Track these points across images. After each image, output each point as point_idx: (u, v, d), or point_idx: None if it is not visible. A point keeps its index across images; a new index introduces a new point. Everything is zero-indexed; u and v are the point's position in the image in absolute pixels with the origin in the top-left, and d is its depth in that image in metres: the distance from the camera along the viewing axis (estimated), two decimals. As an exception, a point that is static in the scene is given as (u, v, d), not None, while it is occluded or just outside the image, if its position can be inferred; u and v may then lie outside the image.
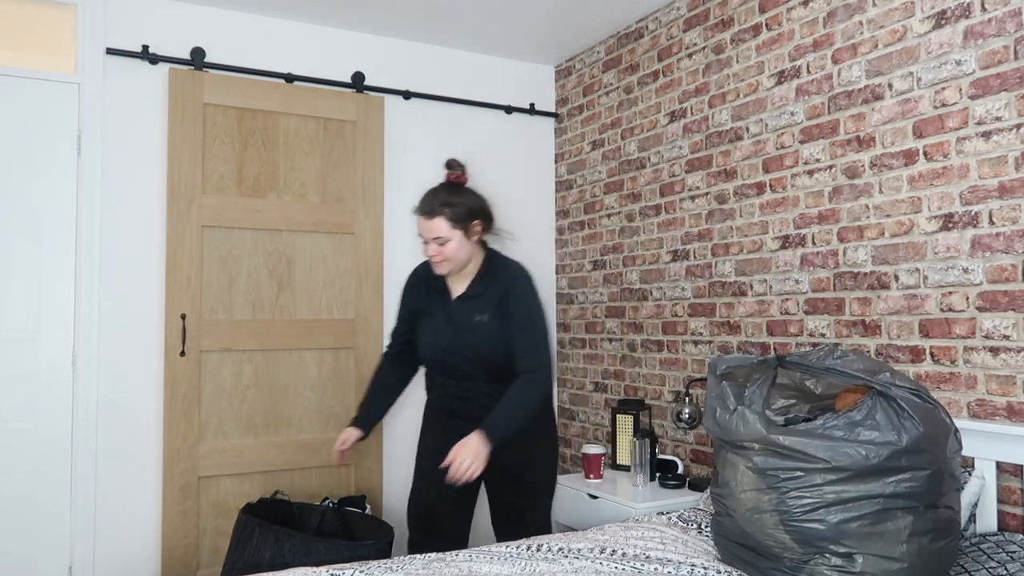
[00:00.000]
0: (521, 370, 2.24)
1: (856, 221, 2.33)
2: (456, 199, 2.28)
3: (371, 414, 2.53)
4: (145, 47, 2.94)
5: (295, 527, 2.47)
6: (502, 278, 2.33)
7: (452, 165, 2.38)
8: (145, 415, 2.92)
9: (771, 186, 2.63)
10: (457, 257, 2.29)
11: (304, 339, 3.14)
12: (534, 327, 2.26)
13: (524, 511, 2.41)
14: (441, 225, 2.25)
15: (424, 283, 2.46)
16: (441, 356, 2.37)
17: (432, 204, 2.27)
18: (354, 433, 2.48)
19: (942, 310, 2.09)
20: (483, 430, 2.13)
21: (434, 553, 1.96)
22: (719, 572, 1.76)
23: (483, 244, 2.40)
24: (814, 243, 2.47)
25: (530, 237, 3.76)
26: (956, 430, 1.68)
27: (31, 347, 2.77)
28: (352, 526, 2.48)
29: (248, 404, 3.04)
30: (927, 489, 1.58)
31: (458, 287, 2.39)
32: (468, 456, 2.08)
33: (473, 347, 2.31)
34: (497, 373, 2.29)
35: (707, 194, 2.90)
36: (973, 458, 1.96)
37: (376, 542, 2.16)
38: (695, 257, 2.94)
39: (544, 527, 2.47)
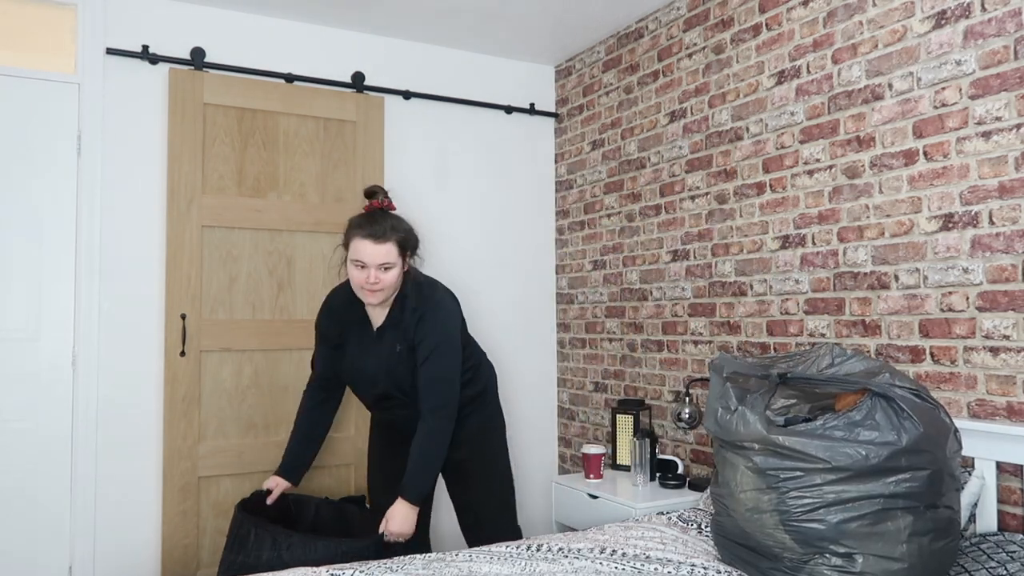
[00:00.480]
0: (424, 408, 2.19)
1: (856, 221, 2.33)
2: (402, 225, 2.22)
3: (301, 463, 2.47)
4: (145, 47, 2.94)
5: (290, 521, 2.47)
6: (413, 307, 2.24)
7: (377, 192, 2.27)
8: (145, 415, 2.92)
9: (771, 186, 2.63)
10: (392, 286, 2.20)
11: (304, 339, 3.14)
12: (437, 363, 2.20)
13: (479, 506, 2.43)
14: (391, 251, 2.15)
15: (341, 313, 2.38)
16: (370, 390, 2.34)
17: (383, 228, 2.15)
18: (283, 483, 2.42)
19: (942, 310, 2.09)
20: (403, 496, 2.15)
21: (434, 553, 1.96)
22: (719, 572, 1.76)
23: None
24: (814, 243, 2.47)
25: (530, 237, 3.76)
26: (956, 430, 1.68)
27: (31, 347, 2.77)
28: (349, 520, 2.48)
29: (248, 404, 3.04)
30: (927, 489, 1.58)
31: (377, 317, 2.31)
32: (399, 527, 2.14)
33: (400, 378, 2.26)
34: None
35: (707, 194, 2.90)
36: (973, 458, 1.96)
37: (376, 537, 2.16)
38: (695, 257, 2.94)
39: (505, 524, 2.46)
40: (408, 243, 2.22)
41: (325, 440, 2.55)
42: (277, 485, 2.42)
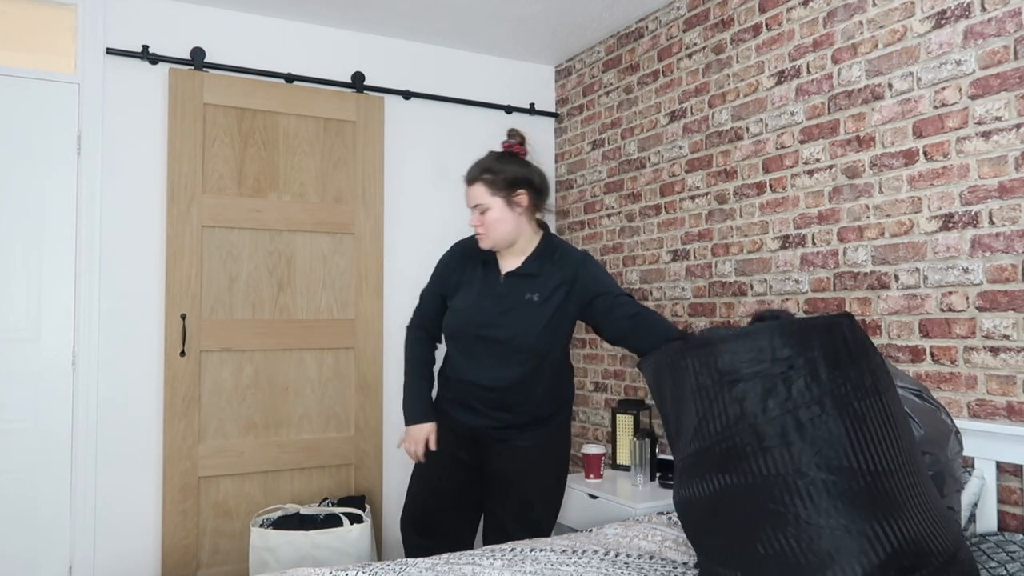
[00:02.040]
0: (631, 311, 2.11)
1: (856, 221, 2.33)
2: (499, 166, 2.18)
3: (431, 403, 2.32)
4: (145, 47, 2.94)
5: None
6: (564, 263, 2.18)
7: (511, 134, 2.27)
8: (145, 415, 2.92)
9: (771, 186, 2.63)
10: (498, 229, 2.16)
11: (304, 339, 3.14)
12: (625, 300, 2.15)
13: (506, 523, 2.24)
14: (480, 192, 2.17)
15: (464, 257, 2.30)
16: (476, 331, 2.20)
17: (474, 171, 2.21)
18: (432, 428, 2.27)
19: (942, 310, 2.10)
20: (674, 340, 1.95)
21: (436, 556, 1.96)
22: (720, 572, 1.76)
23: (543, 226, 2.27)
24: (814, 243, 2.47)
25: (530, 237, 3.76)
26: (957, 431, 1.68)
27: (31, 347, 2.77)
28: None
29: (248, 404, 3.04)
30: (927, 489, 1.58)
31: (510, 263, 2.24)
32: None
33: (516, 326, 2.15)
34: (533, 357, 2.15)
35: (707, 194, 2.90)
36: (973, 458, 1.96)
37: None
38: (695, 257, 2.94)
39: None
40: (503, 184, 2.16)
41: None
42: (431, 431, 2.27)
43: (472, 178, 2.20)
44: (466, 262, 2.29)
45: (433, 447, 2.26)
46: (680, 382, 1.49)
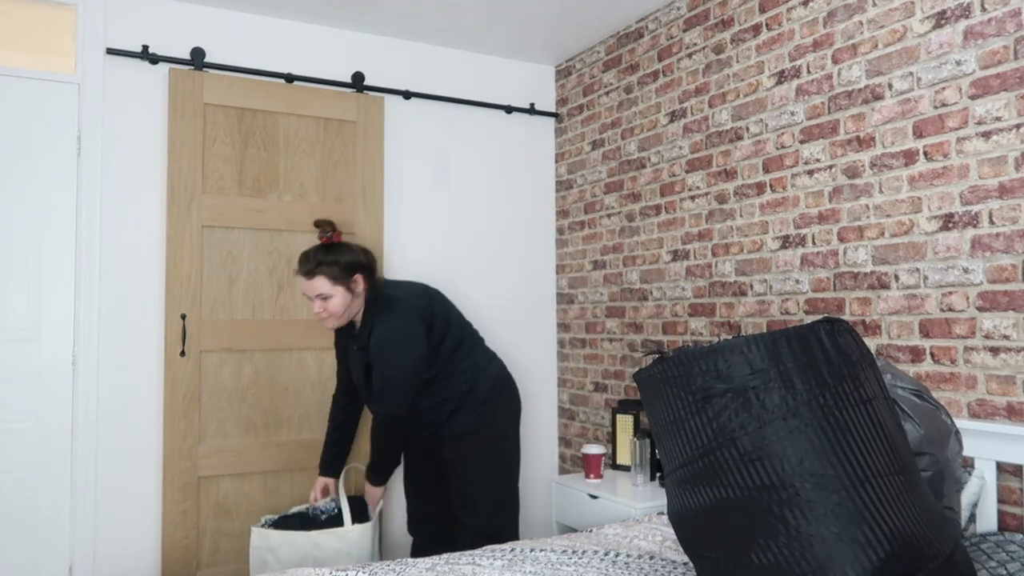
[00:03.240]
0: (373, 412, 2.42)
1: (856, 221, 2.33)
2: (332, 257, 2.39)
3: (338, 460, 2.71)
4: (145, 47, 2.94)
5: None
6: (371, 322, 2.43)
7: (320, 226, 2.48)
8: (145, 415, 2.92)
9: (771, 186, 2.63)
10: (340, 312, 2.42)
11: (304, 339, 3.14)
12: (380, 372, 2.37)
13: (455, 508, 2.53)
14: (322, 284, 2.37)
15: (344, 328, 2.60)
16: (361, 393, 2.57)
17: (310, 265, 2.39)
18: (329, 481, 2.69)
19: (942, 310, 2.10)
20: (366, 478, 2.51)
21: (437, 556, 1.96)
22: (720, 572, 1.76)
23: (370, 286, 2.50)
24: (814, 243, 2.47)
25: (530, 237, 3.76)
26: (957, 431, 1.68)
27: (31, 347, 2.77)
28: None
29: (248, 404, 3.04)
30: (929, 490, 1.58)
31: (356, 333, 2.54)
32: (369, 504, 2.56)
33: (360, 378, 2.49)
34: (383, 392, 2.42)
35: (707, 194, 2.90)
36: (973, 458, 1.97)
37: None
38: (695, 257, 2.95)
39: (476, 537, 2.47)
40: (341, 273, 2.39)
41: (354, 437, 2.78)
42: (327, 486, 2.68)
43: (310, 271, 2.38)
44: (344, 331, 2.61)
45: (327, 495, 2.71)
46: (662, 401, 1.50)
